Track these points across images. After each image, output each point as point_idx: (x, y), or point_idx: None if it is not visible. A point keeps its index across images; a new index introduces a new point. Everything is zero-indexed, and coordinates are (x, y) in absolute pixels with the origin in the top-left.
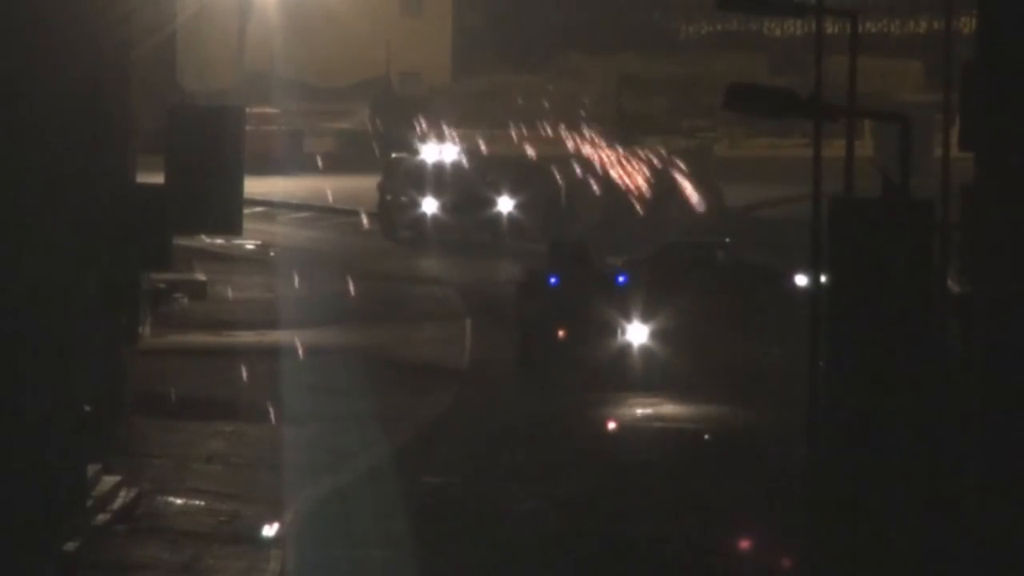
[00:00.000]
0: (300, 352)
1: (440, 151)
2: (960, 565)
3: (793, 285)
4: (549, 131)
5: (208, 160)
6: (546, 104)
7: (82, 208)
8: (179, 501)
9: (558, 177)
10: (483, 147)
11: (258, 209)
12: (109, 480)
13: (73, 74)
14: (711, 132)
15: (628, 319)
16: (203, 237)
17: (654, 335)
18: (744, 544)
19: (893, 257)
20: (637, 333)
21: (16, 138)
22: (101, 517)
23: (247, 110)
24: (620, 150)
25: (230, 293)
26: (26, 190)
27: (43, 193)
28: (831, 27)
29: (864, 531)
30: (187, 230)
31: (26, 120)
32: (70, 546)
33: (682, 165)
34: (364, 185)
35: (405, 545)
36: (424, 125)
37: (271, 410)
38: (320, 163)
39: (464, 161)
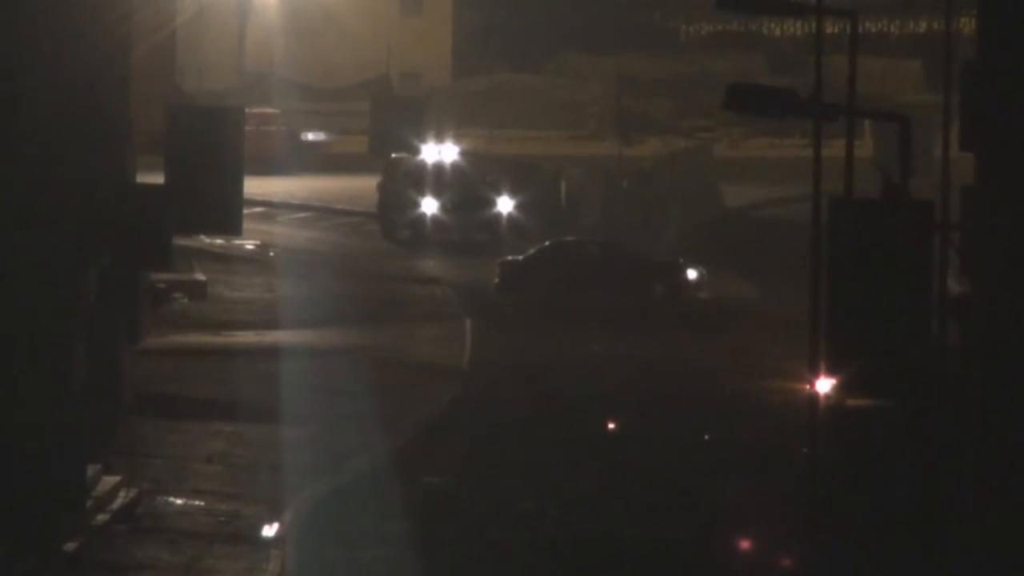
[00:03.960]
0: (300, 352)
1: (440, 151)
2: (961, 564)
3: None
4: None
5: (208, 160)
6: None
7: (82, 208)
8: (179, 501)
9: (558, 177)
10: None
11: (258, 209)
12: (109, 480)
13: (73, 74)
14: (711, 132)
15: None
16: (203, 237)
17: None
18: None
19: (893, 257)
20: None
21: (16, 138)
22: (101, 517)
23: (247, 110)
24: None
25: (230, 293)
26: (26, 190)
27: (43, 193)
28: (831, 27)
29: (864, 530)
30: (187, 230)
31: (26, 120)
32: (70, 546)
33: None
34: (364, 185)
35: (405, 545)
36: (424, 125)
37: (271, 410)
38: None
39: (464, 161)
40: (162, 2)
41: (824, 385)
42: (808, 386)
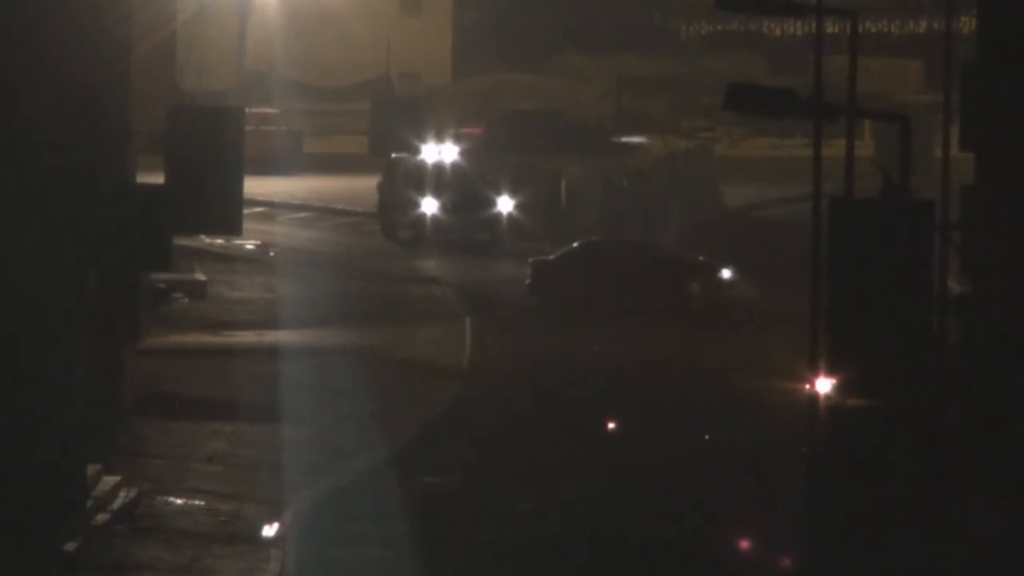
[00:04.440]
0: (300, 352)
1: (440, 151)
2: (961, 564)
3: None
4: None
5: (208, 160)
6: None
7: (82, 208)
8: (179, 501)
9: (558, 177)
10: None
11: (258, 209)
12: (109, 480)
13: (73, 74)
14: (711, 132)
15: None
16: (203, 237)
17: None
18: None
19: (893, 257)
20: None
21: (16, 138)
22: (101, 517)
23: (247, 110)
24: None
25: (230, 293)
26: (26, 190)
27: (43, 193)
28: (831, 27)
29: (864, 531)
30: (187, 230)
31: (26, 120)
32: (70, 546)
33: None
34: (364, 185)
35: (405, 545)
36: (424, 125)
37: (271, 410)
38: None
39: (464, 161)
40: (162, 2)
41: (824, 385)
42: (808, 386)
